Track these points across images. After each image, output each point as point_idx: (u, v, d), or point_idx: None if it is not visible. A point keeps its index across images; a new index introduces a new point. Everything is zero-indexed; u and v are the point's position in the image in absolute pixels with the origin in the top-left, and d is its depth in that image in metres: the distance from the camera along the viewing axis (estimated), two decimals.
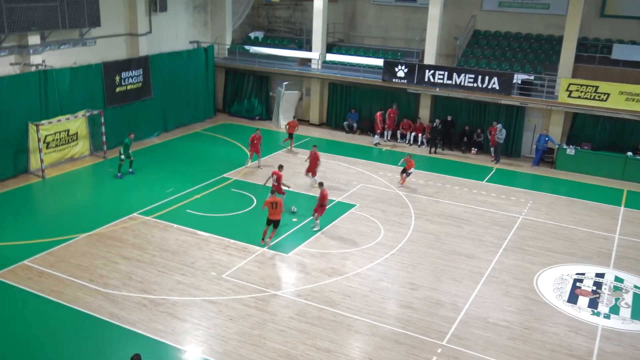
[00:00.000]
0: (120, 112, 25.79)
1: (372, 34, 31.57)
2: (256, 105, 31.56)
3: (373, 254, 16.81)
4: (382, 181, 22.65)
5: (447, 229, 18.69)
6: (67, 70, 23.21)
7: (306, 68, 30.36)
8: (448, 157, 26.29)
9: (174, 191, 20.82)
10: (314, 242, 17.42)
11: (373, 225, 18.77)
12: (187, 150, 25.69)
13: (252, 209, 19.70)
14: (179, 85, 28.87)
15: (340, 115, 30.03)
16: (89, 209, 19.68)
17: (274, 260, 16.30)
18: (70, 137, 23.53)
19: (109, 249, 16.57)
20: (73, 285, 14.62)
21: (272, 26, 34.42)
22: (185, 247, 16.83)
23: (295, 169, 23.52)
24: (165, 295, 14.35)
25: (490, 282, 15.57)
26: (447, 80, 26.23)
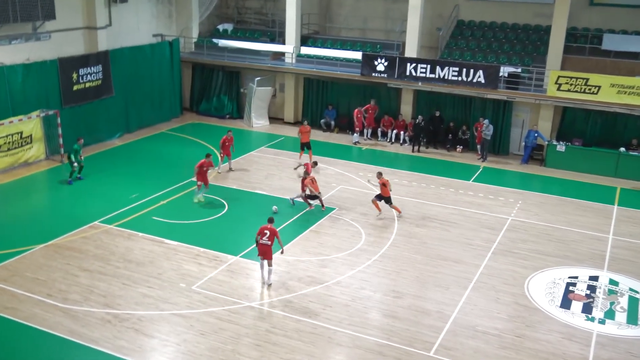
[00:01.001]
0: (78, 112, 25.49)
1: (350, 26, 31.67)
2: (226, 103, 31.44)
3: (354, 261, 16.85)
4: (362, 182, 22.72)
5: (433, 232, 18.81)
6: (19, 67, 22.88)
7: (279, 62, 30.33)
8: (432, 155, 26.48)
9: (138, 197, 20.62)
10: (291, 248, 17.40)
11: (353, 229, 18.82)
12: (152, 153, 25.48)
13: (224, 215, 19.60)
14: (142, 82, 28.63)
15: (316, 112, 30.06)
16: (45, 217, 19.39)
17: (247, 269, 16.25)
18: (23, 139, 23.18)
19: (68, 261, 16.35)
20: (29, 301, 14.38)
21: (242, 18, 34.33)
22: (151, 257, 16.69)
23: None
24: (130, 310, 14.21)
25: (479, 288, 15.71)
26: (430, 74, 26.41)
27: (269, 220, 15.39)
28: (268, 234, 15.08)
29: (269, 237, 15.09)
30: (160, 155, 25.17)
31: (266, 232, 15.09)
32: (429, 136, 27.15)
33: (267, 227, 15.21)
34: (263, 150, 26.30)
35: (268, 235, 15.08)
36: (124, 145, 26.53)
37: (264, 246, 15.15)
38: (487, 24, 29.20)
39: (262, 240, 15.13)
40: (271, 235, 15.09)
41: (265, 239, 15.10)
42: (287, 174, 23.28)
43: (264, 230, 15.16)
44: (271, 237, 15.10)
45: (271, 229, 15.17)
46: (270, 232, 15.11)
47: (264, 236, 15.11)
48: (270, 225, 15.25)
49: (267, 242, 15.09)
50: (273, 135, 28.46)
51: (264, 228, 15.21)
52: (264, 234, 15.11)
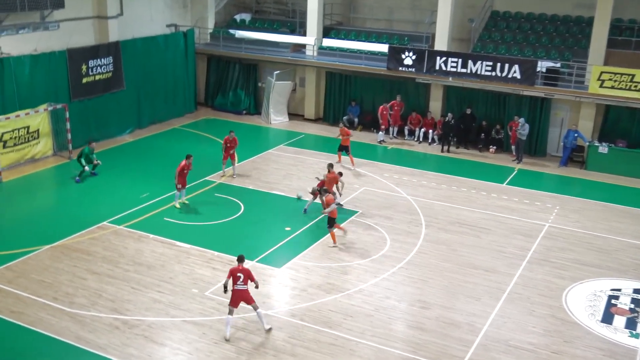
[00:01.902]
0: (87, 106, 25.79)
1: (375, 16, 31.64)
2: (243, 97, 31.58)
3: (378, 268, 16.82)
4: (387, 184, 22.68)
5: (463, 238, 18.72)
6: (26, 58, 23.21)
7: (300, 55, 30.39)
8: (463, 156, 26.35)
9: (149, 196, 20.79)
10: (310, 253, 17.43)
11: (377, 234, 18.79)
12: (165, 150, 25.68)
13: (239, 217, 19.68)
14: (155, 75, 28.88)
15: (339, 108, 30.06)
16: (52, 217, 19.65)
17: (264, 275, 16.30)
18: (30, 134, 23.50)
19: (75, 263, 16.54)
20: (35, 305, 14.58)
21: (260, 7, 34.47)
22: (162, 261, 16.82)
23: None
24: (140, 316, 14.33)
25: (513, 299, 15.59)
26: (461, 69, 26.28)
27: (239, 260, 13.60)
28: (242, 277, 13.40)
29: (243, 281, 13.41)
30: (173, 152, 25.33)
31: (240, 276, 13.39)
32: (459, 135, 27.02)
33: (238, 269, 13.47)
34: (282, 148, 26.37)
35: (242, 279, 13.41)
36: (135, 142, 26.78)
37: (240, 292, 13.45)
38: (523, 15, 28.96)
39: (237, 286, 13.44)
40: (246, 277, 13.43)
41: (240, 284, 13.42)
42: (307, 173, 23.31)
43: (236, 274, 13.41)
44: (246, 280, 13.43)
45: (244, 270, 13.47)
46: (245, 274, 13.44)
47: (237, 280, 13.39)
48: (241, 266, 13.50)
49: (244, 286, 13.44)
50: (292, 133, 28.52)
51: (235, 271, 13.43)
52: (237, 278, 13.38)
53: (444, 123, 26.82)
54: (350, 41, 29.93)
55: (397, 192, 21.97)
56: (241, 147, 25.82)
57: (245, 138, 27.70)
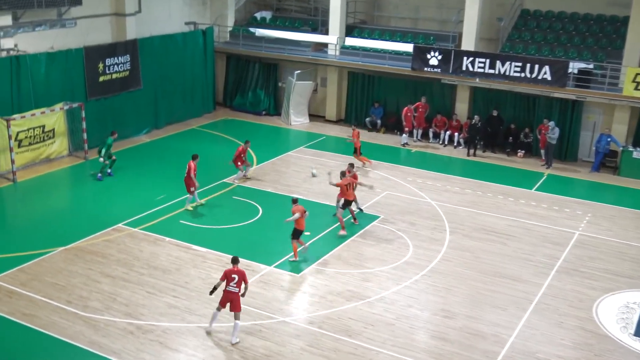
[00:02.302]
0: (104, 105, 26.05)
1: (400, 14, 31.59)
2: (263, 98, 31.69)
3: (400, 275, 16.77)
4: (410, 188, 22.62)
5: (489, 246, 18.60)
6: (42, 56, 23.51)
7: (322, 54, 30.44)
8: (490, 160, 26.20)
9: (166, 198, 20.93)
10: (330, 260, 17.43)
11: (400, 240, 18.74)
12: (182, 151, 25.82)
13: (257, 220, 19.74)
14: (173, 74, 29.09)
15: (361, 110, 30.06)
16: (66, 218, 19.87)
17: (282, 281, 16.32)
18: (45, 134, 23.79)
19: (89, 266, 16.71)
20: (48, 308, 14.75)
21: (281, 5, 34.59)
22: (178, 265, 16.92)
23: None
24: (154, 321, 14.43)
25: (541, 310, 15.46)
26: (489, 70, 26.14)
27: (234, 261, 13.67)
28: (237, 278, 13.36)
29: (237, 283, 13.36)
30: (191, 153, 25.43)
31: (234, 277, 13.35)
32: (486, 139, 26.86)
33: (234, 270, 13.44)
34: (302, 150, 26.41)
35: (236, 281, 13.36)
36: (151, 142, 26.99)
37: (232, 294, 13.41)
38: (554, 13, 28.74)
39: (229, 288, 13.41)
40: (240, 280, 13.38)
41: (232, 286, 13.38)
42: (326, 176, 23.25)
43: (231, 275, 13.37)
44: (239, 283, 13.38)
45: (239, 271, 13.44)
46: (239, 276, 13.38)
47: (231, 281, 13.36)
48: (236, 268, 13.49)
49: (236, 288, 13.38)
50: (313, 134, 28.55)
51: (230, 272, 13.40)
52: (232, 279, 13.34)
53: (470, 126, 26.68)
54: (374, 40, 29.91)
55: (421, 197, 21.89)
56: (260, 148, 26.00)
57: (264, 139, 27.86)
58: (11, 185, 21.97)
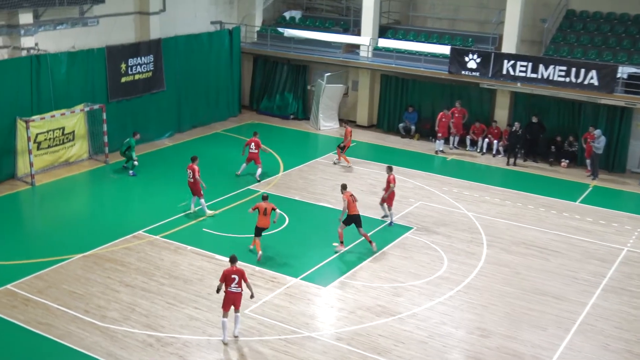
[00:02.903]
0: (125, 107, 26.37)
1: (437, 15, 31.51)
2: (291, 101, 31.83)
3: (433, 290, 16.68)
4: (446, 199, 22.50)
5: (529, 261, 18.42)
6: (63, 56, 23.88)
7: (353, 56, 30.48)
8: (531, 170, 25.97)
9: (188, 205, 21.09)
10: (359, 273, 17.39)
11: (434, 254, 18.65)
12: (205, 156, 25.97)
13: (284, 230, 19.79)
14: (197, 75, 29.37)
15: (394, 115, 30.01)
16: (85, 224, 20.13)
17: (308, 294, 16.33)
18: (65, 136, 24.16)
19: (108, 274, 16.90)
20: (65, 317, 14.94)
21: (312, 4, 34.74)
22: (200, 275, 17.03)
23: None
24: (175, 333, 14.53)
25: (584, 331, 15.25)
26: (531, 74, 25.94)
27: (232, 260, 14.15)
28: (237, 278, 13.96)
29: (238, 283, 13.99)
30: (215, 159, 25.69)
31: (234, 277, 13.95)
32: (527, 147, 26.62)
33: (233, 270, 14.02)
34: (331, 157, 26.43)
35: (237, 281, 13.97)
36: (174, 147, 27.23)
37: (234, 295, 14.03)
38: (603, 14, 28.42)
39: (231, 288, 14.00)
40: (240, 279, 14.01)
41: (234, 286, 13.98)
42: (359, 185, 23.31)
43: (230, 275, 13.96)
44: (240, 283, 14.01)
45: (238, 271, 14.04)
46: (239, 275, 13.99)
47: (232, 282, 13.95)
48: (235, 267, 14.07)
49: (238, 289, 14.00)
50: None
51: (229, 272, 13.98)
52: (232, 280, 13.94)
53: (510, 133, 26.48)
54: (409, 42, 29.86)
55: (457, 208, 21.77)
56: (287, 154, 26.07)
57: (291, 145, 27.96)
58: (29, 189, 22.33)
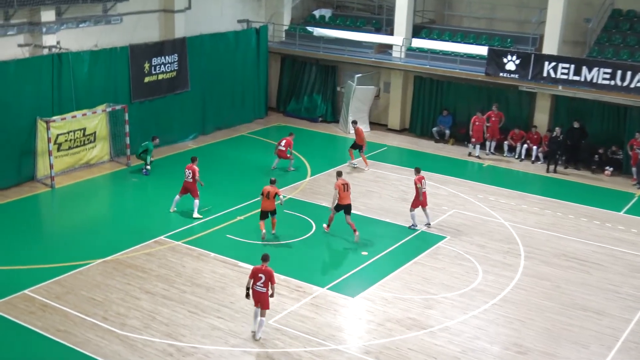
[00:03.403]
0: (148, 107, 26.64)
1: (474, 14, 31.36)
2: (319, 103, 31.87)
3: (467, 303, 16.57)
4: (481, 207, 22.36)
5: (569, 274, 18.22)
6: (86, 54, 24.20)
7: (385, 56, 30.45)
8: (572, 177, 25.71)
9: (211, 210, 21.20)
10: (390, 283, 17.34)
11: (468, 265, 18.53)
12: (230, 159, 26.18)
13: (310, 237, 19.81)
14: (223, 75, 29.56)
15: (428, 118, 29.91)
16: (106, 228, 20.37)
17: (336, 304, 16.31)
18: (86, 137, 24.46)
19: (128, 280, 17.06)
20: (83, 324, 15.11)
21: (342, 2, 34.78)
22: (223, 283, 17.11)
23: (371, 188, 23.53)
24: (196, 343, 14.60)
25: (628, 349, 15.04)
26: (574, 76, 25.70)
27: (263, 259, 14.53)
28: (263, 278, 14.37)
29: (264, 283, 14.40)
30: (239, 162, 25.83)
31: (261, 277, 14.37)
32: (568, 153, 26.36)
33: (261, 269, 14.45)
34: (360, 161, 26.39)
35: (263, 280, 14.38)
36: (198, 149, 27.40)
37: (259, 294, 14.47)
38: None
39: (256, 287, 14.45)
40: (267, 279, 14.39)
41: (260, 285, 14.42)
42: (389, 191, 23.27)
43: (258, 274, 14.40)
44: (267, 283, 14.40)
45: (266, 271, 14.41)
46: (266, 275, 14.38)
47: (258, 281, 14.40)
48: (264, 267, 14.45)
49: (263, 288, 14.41)
50: (374, 145, 28.51)
51: (258, 271, 14.44)
52: (259, 279, 14.38)
53: (550, 139, 26.24)
54: (444, 42, 29.76)
55: (493, 217, 21.61)
56: (315, 158, 26.12)
57: (320, 148, 28.02)
58: (49, 191, 22.64)
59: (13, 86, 22.07)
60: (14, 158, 22.58)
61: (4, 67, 21.80)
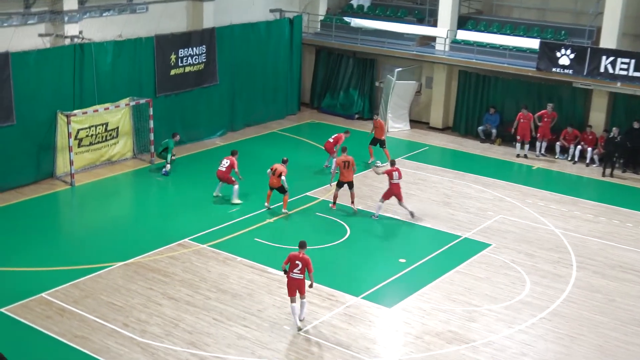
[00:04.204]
0: (174, 102, 26.87)
1: (525, 4, 31.12)
2: (356, 99, 31.87)
3: (513, 317, 16.44)
4: (530, 212, 22.16)
5: (626, 287, 17.98)
6: (109, 45, 24.48)
7: (428, 49, 30.36)
8: (631, 182, 25.38)
9: (239, 212, 21.31)
10: (429, 293, 17.26)
11: (514, 274, 18.38)
12: (260, 158, 26.28)
13: (344, 242, 19.80)
14: (254, 68, 29.72)
15: (473, 116, 29.75)
16: (127, 229, 20.62)
17: (371, 315, 16.29)
18: (108, 133, 24.76)
19: (150, 285, 17.22)
20: (102, 330, 15.29)
21: None
22: (250, 289, 17.19)
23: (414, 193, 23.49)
24: (221, 353, 14.68)
25: None
26: (634, 72, 25.42)
27: (301, 246, 15.50)
28: (300, 265, 15.26)
29: (301, 270, 15.29)
30: (270, 160, 25.82)
31: (298, 264, 15.27)
32: (627, 156, 26.00)
33: (298, 256, 15.35)
34: (399, 162, 26.20)
35: (300, 268, 15.27)
36: (226, 146, 27.51)
37: (296, 281, 15.34)
38: None
39: (292, 274, 15.32)
40: (304, 267, 15.27)
41: (296, 272, 15.29)
42: (429, 194, 23.18)
43: (295, 261, 15.31)
44: (303, 270, 15.29)
45: (303, 258, 15.32)
46: (303, 263, 15.26)
47: (294, 268, 15.29)
48: (302, 254, 15.39)
49: (300, 275, 15.29)
50: (414, 144, 28.43)
51: (294, 257, 15.34)
52: (295, 265, 15.28)
53: (607, 140, 25.92)
54: (492, 34, 29.56)
55: (542, 224, 21.41)
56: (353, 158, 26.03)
57: (355, 147, 27.87)
58: (68, 189, 22.97)
59: (33, 78, 22.41)
60: (32, 154, 22.94)
61: (24, 58, 22.15)
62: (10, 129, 22.09)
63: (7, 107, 21.90)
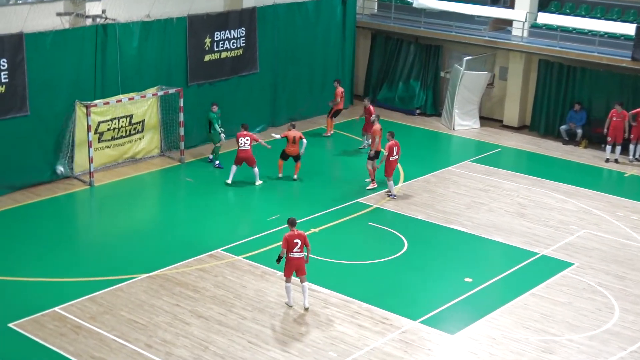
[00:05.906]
0: (208, 92, 27.00)
1: None
2: (417, 91, 31.80)
3: (598, 349, 16.24)
4: (620, 227, 21.86)
5: None
6: (136, 26, 24.69)
7: (503, 35, 30.18)
8: None
9: (280, 220, 21.40)
10: (499, 318, 17.14)
11: (601, 299, 18.16)
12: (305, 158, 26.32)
13: (401, 257, 19.76)
14: (300, 55, 29.85)
15: (554, 114, 29.48)
16: (152, 237, 20.83)
17: (428, 342, 16.23)
18: (133, 126, 25.02)
19: (177, 301, 17.38)
20: (122, 351, 15.44)
21: None
22: (291, 309, 17.24)
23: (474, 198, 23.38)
24: None
25: None
26: None
27: (291, 223, 16.92)
28: (299, 243, 16.69)
29: (300, 247, 16.73)
30: (316, 161, 25.94)
31: (297, 242, 16.66)
32: None
33: (294, 234, 16.72)
34: (467, 165, 26.22)
35: (300, 245, 16.69)
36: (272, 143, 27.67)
37: (297, 260, 16.80)
38: None
39: (293, 253, 16.68)
40: (303, 243, 16.72)
41: (296, 251, 16.71)
42: (501, 203, 23.01)
43: (293, 240, 16.64)
44: (302, 247, 16.73)
45: (300, 235, 16.76)
46: (301, 239, 16.70)
47: (294, 247, 16.65)
48: (296, 231, 16.79)
49: (301, 253, 16.79)
50: (484, 144, 28.26)
51: (292, 237, 16.67)
52: (295, 245, 16.65)
53: None
54: (579, 17, 29.28)
55: (635, 241, 21.12)
56: (410, 160, 25.98)
57: (417, 148, 27.91)
58: (87, 189, 23.29)
59: (49, 62, 22.68)
60: (48, 149, 23.23)
61: (40, 40, 22.41)
62: (23, 120, 22.40)
63: (20, 95, 22.18)
